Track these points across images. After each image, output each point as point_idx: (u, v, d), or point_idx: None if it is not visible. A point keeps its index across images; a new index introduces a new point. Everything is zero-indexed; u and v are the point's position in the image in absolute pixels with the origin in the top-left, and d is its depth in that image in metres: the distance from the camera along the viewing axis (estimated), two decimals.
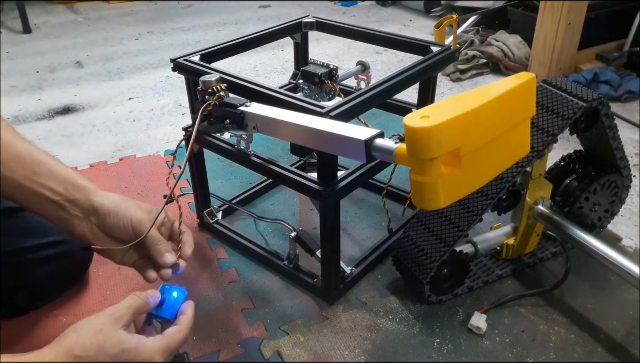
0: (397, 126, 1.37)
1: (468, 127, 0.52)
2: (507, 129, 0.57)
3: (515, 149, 0.60)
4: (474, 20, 2.16)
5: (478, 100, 0.53)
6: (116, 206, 0.70)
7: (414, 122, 0.50)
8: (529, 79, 0.57)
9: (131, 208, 0.71)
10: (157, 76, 1.94)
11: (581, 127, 0.91)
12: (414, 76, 0.89)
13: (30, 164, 0.67)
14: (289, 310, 0.90)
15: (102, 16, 2.74)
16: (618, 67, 1.80)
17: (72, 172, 0.70)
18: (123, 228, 0.70)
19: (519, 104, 0.57)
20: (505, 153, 0.59)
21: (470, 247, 0.93)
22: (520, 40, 1.90)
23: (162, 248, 0.71)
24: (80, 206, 0.69)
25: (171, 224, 0.75)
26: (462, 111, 0.51)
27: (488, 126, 0.54)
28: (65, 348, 0.53)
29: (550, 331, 0.85)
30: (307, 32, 1.14)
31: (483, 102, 0.52)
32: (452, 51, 0.97)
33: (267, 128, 0.76)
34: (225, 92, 0.79)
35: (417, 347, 0.83)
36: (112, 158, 1.39)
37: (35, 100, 1.75)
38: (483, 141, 0.54)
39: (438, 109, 0.52)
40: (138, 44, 2.30)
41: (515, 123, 0.57)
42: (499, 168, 0.60)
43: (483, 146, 0.54)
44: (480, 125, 0.53)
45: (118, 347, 0.55)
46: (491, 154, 0.56)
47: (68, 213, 0.68)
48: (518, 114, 0.57)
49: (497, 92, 0.54)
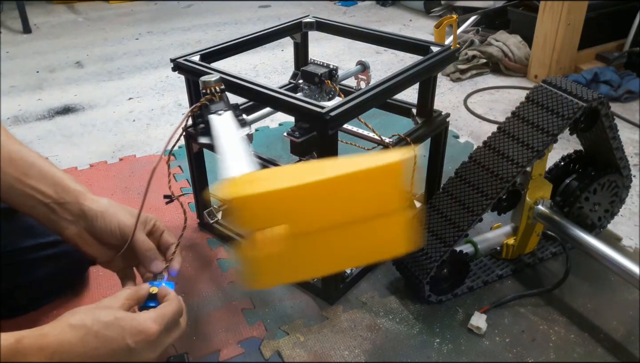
0: (397, 126, 1.36)
1: (298, 205, 0.43)
2: (364, 217, 0.45)
3: (382, 243, 0.48)
4: (474, 20, 2.16)
5: (320, 174, 0.44)
6: (104, 210, 0.70)
7: (233, 189, 0.43)
8: (393, 163, 0.44)
9: (120, 213, 0.70)
10: (157, 76, 1.94)
11: (581, 127, 0.91)
12: (414, 76, 0.89)
13: (21, 166, 0.67)
14: (289, 310, 0.90)
15: (102, 16, 2.74)
16: (618, 67, 1.80)
17: (64, 175, 0.70)
18: (110, 232, 0.69)
19: (379, 190, 0.45)
20: (365, 245, 0.48)
21: (470, 247, 0.93)
22: (520, 40, 1.90)
23: (150, 255, 0.70)
24: (70, 210, 0.69)
25: (160, 234, 0.74)
26: (291, 184, 0.43)
27: (329, 209, 0.44)
28: (63, 321, 0.55)
29: (550, 331, 0.85)
30: (307, 32, 1.14)
31: (321, 179, 0.43)
32: (452, 51, 0.97)
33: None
34: (217, 95, 0.77)
35: (417, 347, 0.83)
36: (112, 158, 1.39)
37: (35, 100, 1.75)
38: (321, 224, 0.45)
39: (271, 176, 0.46)
40: (138, 44, 2.30)
41: (375, 213, 0.46)
42: (352, 260, 0.50)
43: (324, 230, 0.45)
44: (315, 205, 0.44)
45: (112, 315, 0.56)
46: (338, 242, 0.46)
47: (58, 216, 0.68)
48: (378, 202, 0.45)
49: (347, 170, 0.44)
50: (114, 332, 0.55)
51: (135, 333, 0.56)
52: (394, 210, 0.45)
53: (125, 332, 0.56)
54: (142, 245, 0.70)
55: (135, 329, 0.56)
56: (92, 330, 0.54)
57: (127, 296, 0.61)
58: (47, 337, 0.53)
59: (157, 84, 1.88)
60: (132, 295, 0.62)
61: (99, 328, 0.55)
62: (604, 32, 1.89)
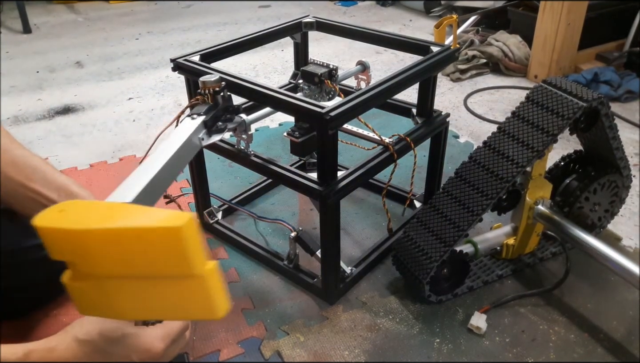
0: (397, 126, 1.37)
1: (82, 247, 0.43)
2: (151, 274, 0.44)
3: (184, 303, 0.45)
4: (474, 20, 2.16)
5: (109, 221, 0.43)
6: None
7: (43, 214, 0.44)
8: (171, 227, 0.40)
9: None
10: (157, 76, 1.94)
11: (581, 127, 0.91)
12: (414, 76, 0.89)
13: (25, 171, 0.68)
14: (289, 310, 0.90)
15: (102, 16, 2.74)
16: (618, 67, 1.80)
17: (67, 179, 0.70)
18: None
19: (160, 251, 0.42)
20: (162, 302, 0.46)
21: (470, 247, 0.93)
22: (520, 40, 1.90)
23: None
24: None
25: None
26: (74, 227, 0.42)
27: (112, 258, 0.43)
28: (71, 334, 0.55)
29: (550, 331, 0.85)
30: (307, 32, 1.14)
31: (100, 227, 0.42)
32: (452, 51, 0.97)
33: None
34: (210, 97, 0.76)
35: (417, 347, 0.83)
36: (112, 158, 1.39)
37: (35, 100, 1.75)
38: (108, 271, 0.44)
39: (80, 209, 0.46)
40: (138, 44, 2.30)
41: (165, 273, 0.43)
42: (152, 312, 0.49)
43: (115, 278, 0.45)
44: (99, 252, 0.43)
45: (120, 331, 0.56)
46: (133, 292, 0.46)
47: None
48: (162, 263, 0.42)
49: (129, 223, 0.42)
50: (121, 349, 0.56)
51: (141, 351, 0.57)
52: (189, 274, 0.43)
53: (131, 350, 0.56)
54: None
55: (142, 347, 0.57)
56: (99, 346, 0.55)
57: None
58: (55, 351, 0.54)
59: (157, 84, 1.88)
60: None
61: (105, 345, 0.55)
62: (604, 32, 1.89)
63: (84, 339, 0.55)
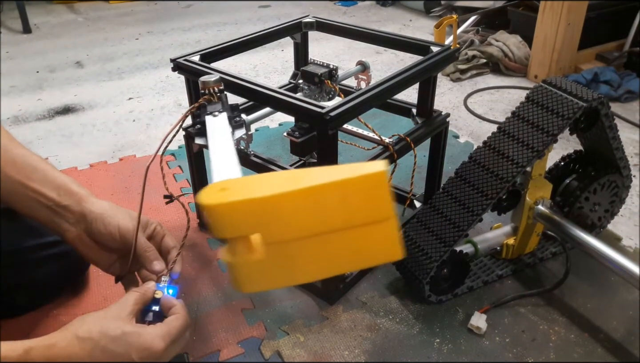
0: (397, 126, 1.37)
1: (272, 214, 0.43)
2: (348, 226, 0.45)
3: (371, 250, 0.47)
4: (474, 20, 2.16)
5: (295, 184, 0.43)
6: (104, 212, 0.70)
7: (209, 195, 0.43)
8: (376, 173, 0.43)
9: (119, 215, 0.70)
10: (157, 76, 1.94)
11: (581, 127, 0.91)
12: (414, 76, 0.89)
13: (24, 170, 0.68)
14: (289, 310, 0.90)
15: (102, 16, 2.74)
16: (618, 67, 1.80)
17: (66, 178, 0.71)
18: (109, 235, 0.70)
19: (359, 200, 0.44)
20: (353, 252, 0.47)
21: (470, 247, 0.93)
22: (520, 40, 1.90)
23: (150, 256, 0.70)
24: (72, 212, 0.69)
25: (161, 238, 0.74)
26: (264, 194, 0.42)
27: (309, 218, 0.44)
28: (71, 331, 0.56)
29: (550, 331, 0.85)
30: (307, 32, 1.14)
31: (295, 189, 0.42)
32: (452, 51, 0.97)
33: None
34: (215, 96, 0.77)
35: (417, 347, 0.83)
36: (112, 158, 1.39)
37: (35, 100, 1.75)
38: (298, 233, 0.44)
39: (250, 183, 0.46)
40: (138, 44, 2.30)
41: (361, 222, 0.45)
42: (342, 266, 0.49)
43: (307, 238, 0.45)
44: (294, 214, 0.43)
45: (120, 329, 0.57)
46: (324, 249, 0.46)
47: (60, 218, 0.69)
48: (358, 212, 0.44)
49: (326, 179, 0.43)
50: (121, 347, 0.56)
51: (142, 349, 0.57)
52: (380, 219, 0.45)
53: (131, 348, 0.56)
54: (142, 246, 0.70)
55: (142, 346, 0.57)
56: (99, 344, 0.55)
57: (134, 302, 0.61)
58: (55, 348, 0.54)
59: (157, 84, 1.88)
60: (139, 299, 0.62)
61: (106, 343, 0.55)
62: (604, 32, 1.89)
63: (85, 337, 0.55)
